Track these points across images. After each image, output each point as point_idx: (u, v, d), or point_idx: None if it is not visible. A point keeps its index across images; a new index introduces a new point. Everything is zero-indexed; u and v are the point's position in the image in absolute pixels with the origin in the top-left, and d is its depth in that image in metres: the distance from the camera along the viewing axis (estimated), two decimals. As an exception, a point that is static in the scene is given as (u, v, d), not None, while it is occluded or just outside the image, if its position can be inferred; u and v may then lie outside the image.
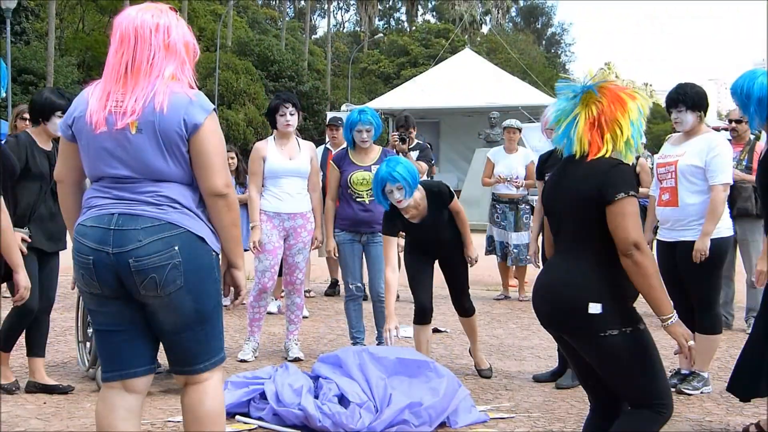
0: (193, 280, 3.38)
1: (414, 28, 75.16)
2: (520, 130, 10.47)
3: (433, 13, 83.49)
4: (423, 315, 6.31)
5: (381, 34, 72.70)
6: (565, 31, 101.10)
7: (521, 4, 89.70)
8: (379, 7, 76.59)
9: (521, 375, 6.60)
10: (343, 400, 5.21)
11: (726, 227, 5.97)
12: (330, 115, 18.18)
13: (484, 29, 77.46)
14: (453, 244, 6.28)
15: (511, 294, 10.44)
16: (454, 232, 6.27)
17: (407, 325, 7.09)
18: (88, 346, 6.35)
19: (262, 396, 5.34)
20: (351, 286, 6.97)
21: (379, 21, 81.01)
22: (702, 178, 5.85)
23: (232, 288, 3.71)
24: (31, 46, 39.74)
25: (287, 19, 69.33)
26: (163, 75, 3.38)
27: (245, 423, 5.18)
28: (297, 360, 6.82)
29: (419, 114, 20.87)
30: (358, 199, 6.86)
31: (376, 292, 6.91)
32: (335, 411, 5.03)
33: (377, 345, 6.96)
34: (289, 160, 6.88)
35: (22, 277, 4.85)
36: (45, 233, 5.76)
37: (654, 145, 26.08)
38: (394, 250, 6.20)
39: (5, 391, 5.84)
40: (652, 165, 10.55)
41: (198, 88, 3.52)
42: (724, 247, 5.96)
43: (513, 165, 10.13)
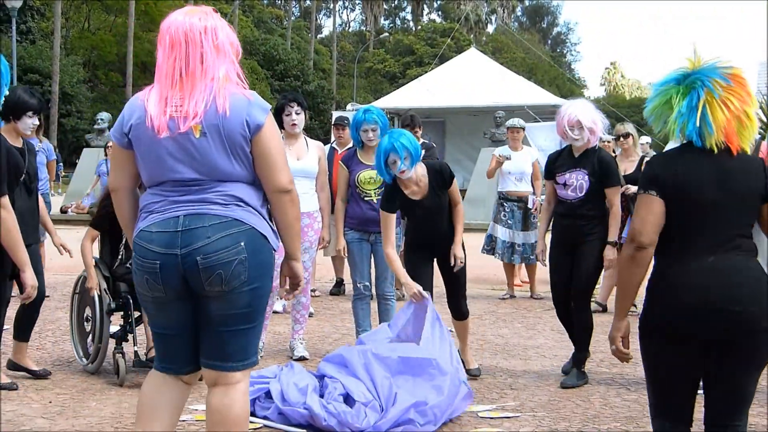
0: (255, 276, 3.47)
1: (419, 27, 75.21)
2: (523, 128, 10.51)
3: (439, 12, 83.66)
4: None
5: (386, 34, 72.76)
6: (571, 30, 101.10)
7: (527, 4, 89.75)
8: (384, 6, 76.55)
9: (526, 374, 6.59)
10: (348, 400, 5.22)
11: None
12: (336, 114, 18.19)
13: (490, 29, 77.45)
14: (451, 241, 6.27)
15: (516, 293, 10.44)
16: (453, 229, 6.26)
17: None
18: (88, 342, 6.44)
19: (268, 395, 5.34)
20: (359, 285, 6.98)
21: (384, 20, 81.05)
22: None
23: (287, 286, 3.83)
24: (36, 45, 39.84)
25: (293, 18, 69.44)
26: (218, 76, 3.45)
27: (250, 422, 5.17)
28: (302, 359, 6.82)
29: (425, 113, 20.88)
30: (366, 198, 6.87)
31: (381, 292, 6.92)
32: (340, 410, 5.04)
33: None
34: (296, 161, 6.88)
35: (29, 276, 4.86)
36: (25, 226, 5.76)
37: (659, 145, 26.03)
38: (393, 227, 6.18)
39: (36, 376, 6.12)
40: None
41: None
42: None
43: (519, 163, 10.18)
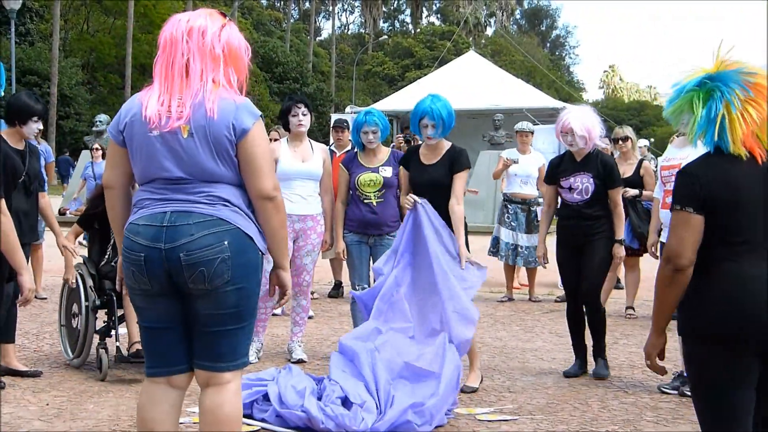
0: (239, 276, 3.48)
1: (418, 30, 75.22)
2: (532, 132, 10.58)
3: (438, 15, 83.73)
4: None
5: (385, 36, 72.81)
6: (570, 33, 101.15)
7: (525, 7, 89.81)
8: (383, 9, 76.64)
9: (524, 377, 6.59)
10: (346, 402, 5.22)
11: None
12: (335, 117, 18.17)
13: (489, 31, 77.52)
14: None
15: (515, 296, 10.45)
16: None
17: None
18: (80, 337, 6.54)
19: (265, 398, 5.34)
20: (357, 288, 6.97)
21: (383, 23, 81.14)
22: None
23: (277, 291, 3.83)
24: (35, 47, 39.84)
25: (292, 20, 69.44)
26: (210, 80, 3.47)
27: (248, 425, 5.17)
28: (300, 362, 6.81)
29: (423, 116, 20.87)
30: (365, 201, 6.86)
31: None
32: (338, 413, 5.04)
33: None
34: (301, 163, 6.89)
35: (27, 279, 4.85)
36: (16, 228, 5.80)
37: (658, 148, 26.07)
38: (406, 180, 6.28)
39: (30, 375, 6.15)
40: (656, 168, 10.56)
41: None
42: None
43: (527, 166, 10.23)
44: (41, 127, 6.29)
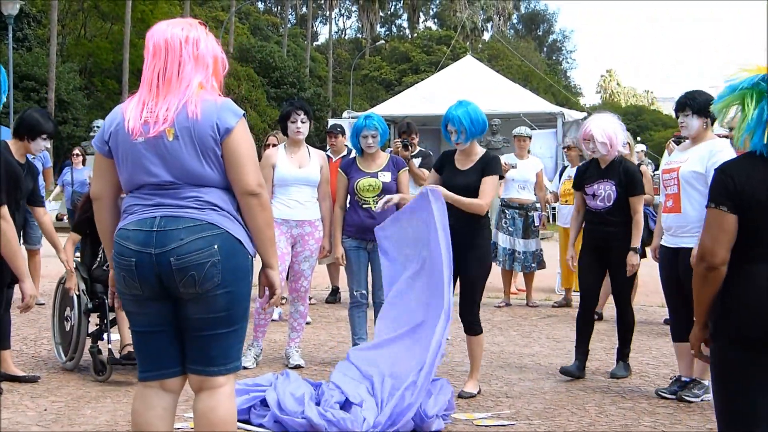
0: (229, 279, 3.50)
1: (415, 34, 75.25)
2: (530, 137, 10.61)
3: (435, 19, 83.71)
4: None
5: (382, 41, 72.76)
6: (567, 38, 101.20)
7: (522, 11, 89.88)
8: (380, 13, 76.67)
9: (522, 382, 6.59)
10: (345, 405, 5.25)
11: None
12: (331, 122, 18.18)
13: (486, 36, 77.59)
14: (473, 232, 6.08)
15: (512, 301, 10.46)
16: (473, 228, 6.04)
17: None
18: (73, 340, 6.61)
19: (263, 403, 5.35)
20: (356, 293, 6.97)
21: (380, 28, 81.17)
22: (703, 184, 5.85)
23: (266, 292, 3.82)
24: (33, 52, 39.81)
25: (289, 25, 69.47)
26: (192, 84, 3.53)
27: (246, 430, 5.18)
28: (298, 367, 6.82)
29: (421, 121, 20.87)
30: (364, 206, 6.86)
31: (379, 300, 6.91)
32: (339, 417, 5.05)
33: None
34: (298, 169, 6.90)
35: (28, 286, 4.88)
36: (23, 236, 5.91)
37: (655, 152, 26.11)
38: (434, 181, 6.21)
39: (28, 381, 6.18)
40: (653, 173, 10.58)
41: None
42: None
43: (524, 171, 10.25)
44: (49, 146, 6.39)
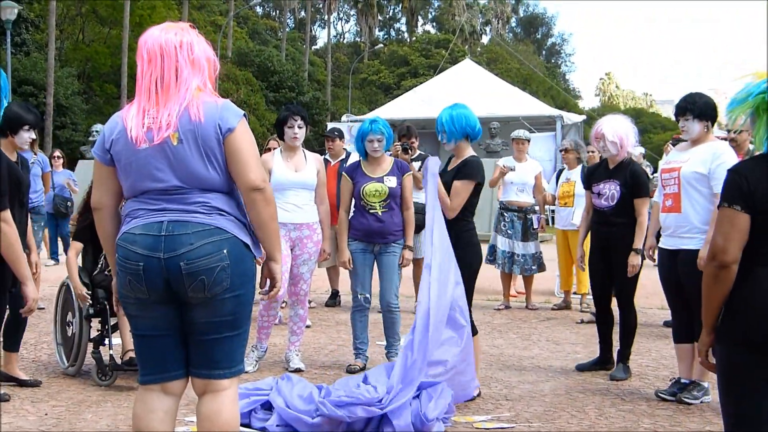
0: (237, 283, 3.54)
1: (414, 38, 75.25)
2: (528, 140, 10.61)
3: (433, 23, 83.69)
4: None
5: (381, 45, 72.73)
6: (566, 41, 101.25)
7: (521, 15, 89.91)
8: (379, 17, 76.68)
9: (521, 385, 6.60)
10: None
11: None
12: (330, 126, 18.18)
13: (485, 39, 77.63)
14: (453, 240, 5.95)
15: (511, 304, 10.46)
16: (455, 232, 6.00)
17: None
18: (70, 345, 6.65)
19: (264, 407, 5.35)
20: (360, 297, 6.96)
21: (379, 31, 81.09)
22: (705, 186, 5.86)
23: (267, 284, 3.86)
24: (31, 57, 39.75)
25: (287, 29, 69.45)
26: (191, 88, 3.55)
27: (247, 434, 5.18)
28: (298, 371, 6.81)
29: (420, 124, 20.86)
30: (371, 211, 6.85)
31: (386, 303, 6.93)
32: (354, 394, 5.19)
33: (386, 354, 7.10)
34: (294, 172, 6.90)
35: (31, 289, 4.87)
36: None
37: (655, 154, 26.10)
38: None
39: (26, 385, 6.20)
40: (652, 176, 10.59)
41: None
42: None
43: (523, 174, 10.25)
44: (34, 136, 6.23)
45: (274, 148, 8.53)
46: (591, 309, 9.09)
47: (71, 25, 49.15)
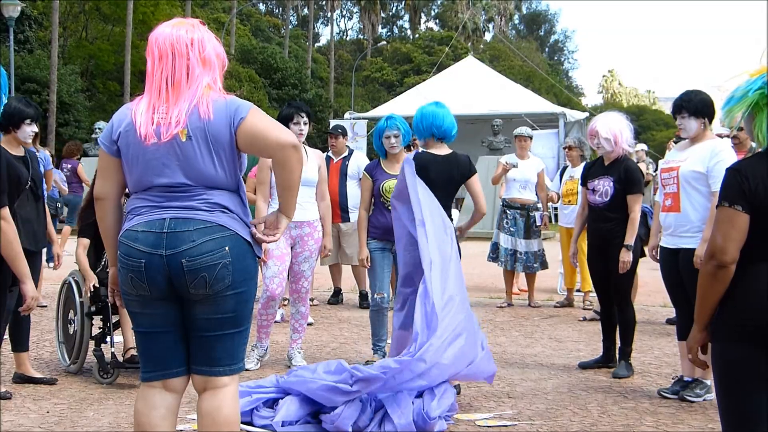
0: (239, 280, 3.54)
1: (417, 35, 75.20)
2: (530, 138, 10.61)
3: (436, 20, 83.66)
4: None
5: (384, 42, 72.69)
6: (568, 38, 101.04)
7: (524, 12, 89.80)
8: (382, 15, 76.63)
9: (524, 382, 6.59)
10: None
11: None
12: (333, 123, 18.20)
13: (487, 36, 77.54)
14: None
15: (514, 301, 10.46)
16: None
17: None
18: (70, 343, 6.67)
19: (266, 404, 5.34)
20: (376, 297, 6.91)
21: (382, 29, 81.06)
22: (704, 184, 5.85)
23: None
24: (34, 54, 39.78)
25: (290, 27, 69.44)
26: (201, 85, 3.55)
27: (249, 431, 5.17)
28: (300, 368, 6.81)
29: (422, 122, 20.96)
30: (390, 208, 6.85)
31: None
32: (386, 365, 5.18)
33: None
34: None
35: (30, 288, 4.86)
36: (31, 233, 5.89)
37: (656, 152, 26.09)
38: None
39: (46, 383, 6.22)
40: (654, 173, 10.57)
41: None
42: None
43: (526, 171, 10.25)
44: (36, 129, 6.22)
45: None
46: (593, 306, 9.10)
47: (74, 23, 49.18)
